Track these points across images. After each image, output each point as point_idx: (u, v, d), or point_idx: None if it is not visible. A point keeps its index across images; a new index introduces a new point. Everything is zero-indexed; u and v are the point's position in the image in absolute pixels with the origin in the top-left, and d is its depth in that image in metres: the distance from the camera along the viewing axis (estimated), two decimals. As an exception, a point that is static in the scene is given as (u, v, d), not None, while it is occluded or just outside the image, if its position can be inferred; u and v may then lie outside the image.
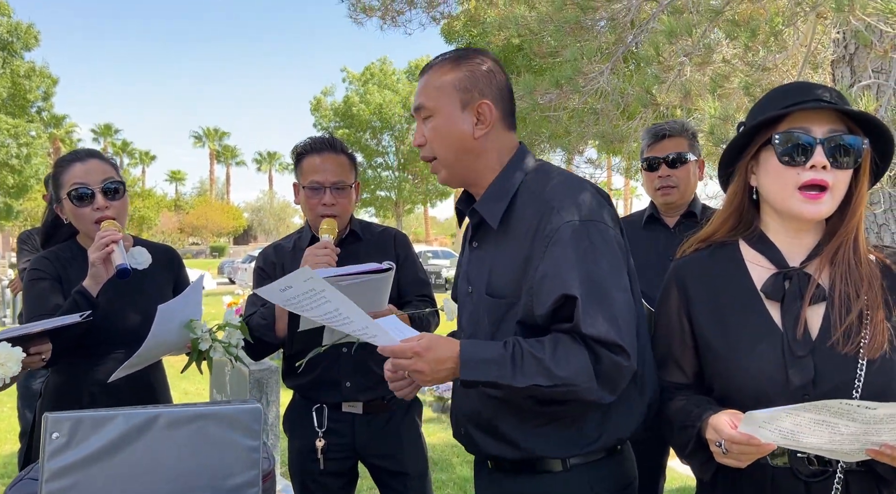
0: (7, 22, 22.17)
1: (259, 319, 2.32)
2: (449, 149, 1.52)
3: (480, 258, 1.57)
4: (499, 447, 1.50)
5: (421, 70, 1.62)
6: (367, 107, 28.70)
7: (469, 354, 1.35)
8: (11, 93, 22.25)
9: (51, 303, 2.25)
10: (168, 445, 1.24)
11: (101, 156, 2.37)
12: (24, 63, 22.71)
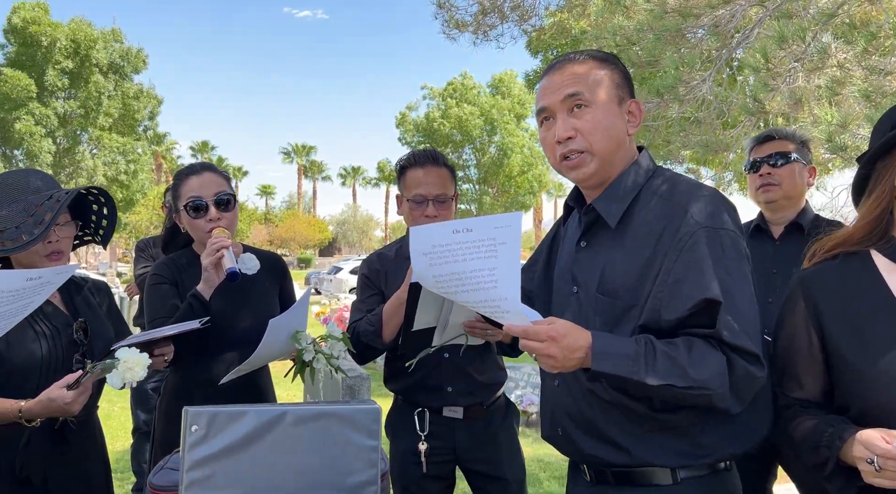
0: (119, 47, 23.95)
1: (366, 325, 2.38)
2: (610, 142, 1.49)
3: (590, 257, 1.55)
4: (602, 449, 1.47)
5: (552, 64, 1.61)
6: (448, 122, 29.06)
7: (602, 346, 1.33)
8: (122, 114, 23.96)
9: (169, 305, 2.40)
10: (294, 441, 1.30)
11: (214, 170, 2.51)
12: (133, 85, 24.42)
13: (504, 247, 1.31)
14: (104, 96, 23.14)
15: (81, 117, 23.19)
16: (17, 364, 1.94)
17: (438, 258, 1.40)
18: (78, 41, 22.48)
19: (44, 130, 22.43)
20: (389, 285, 2.46)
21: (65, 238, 2.08)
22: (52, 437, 1.98)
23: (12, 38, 22.43)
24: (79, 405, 1.89)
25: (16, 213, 1.95)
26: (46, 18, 22.28)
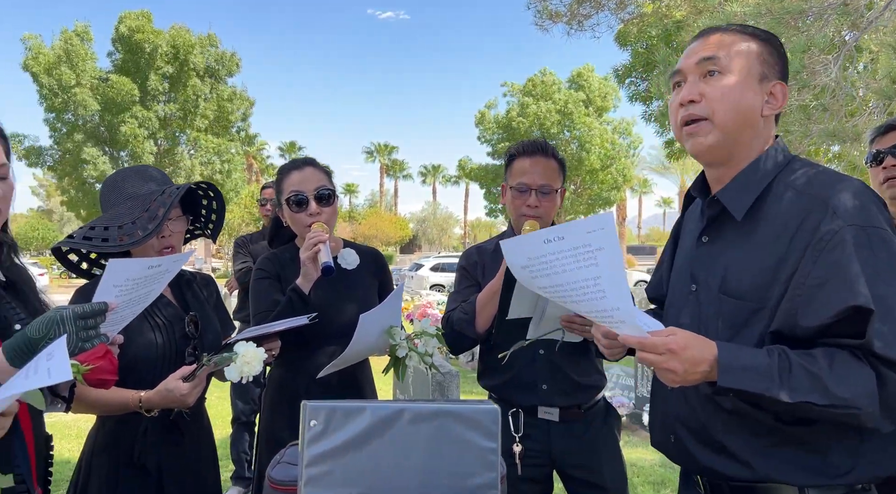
0: (215, 52, 25.09)
1: (460, 314, 2.36)
2: (734, 114, 1.37)
3: (712, 253, 1.43)
4: (720, 461, 1.35)
5: (700, 33, 1.50)
6: (527, 119, 28.77)
7: (730, 359, 1.22)
8: (217, 116, 25.10)
9: (271, 299, 2.44)
10: (412, 440, 1.26)
11: (316, 165, 2.54)
12: (227, 88, 25.53)
13: (602, 252, 1.22)
14: (201, 99, 24.33)
15: (180, 119, 24.49)
16: (136, 355, 2.01)
17: (538, 271, 1.33)
18: (177, 47, 23.74)
19: (146, 132, 23.84)
20: (487, 277, 2.42)
21: (177, 232, 2.14)
22: (166, 426, 2.04)
23: (119, 46, 23.94)
24: (193, 397, 1.94)
25: (131, 209, 2.02)
26: (149, 26, 23.64)
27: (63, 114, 24.21)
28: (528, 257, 1.33)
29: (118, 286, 1.60)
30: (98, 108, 23.31)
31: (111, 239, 1.93)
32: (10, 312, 1.58)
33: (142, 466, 2.00)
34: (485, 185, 31.84)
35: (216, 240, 2.40)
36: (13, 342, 1.35)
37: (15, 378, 1.05)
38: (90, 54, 23.97)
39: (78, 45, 23.50)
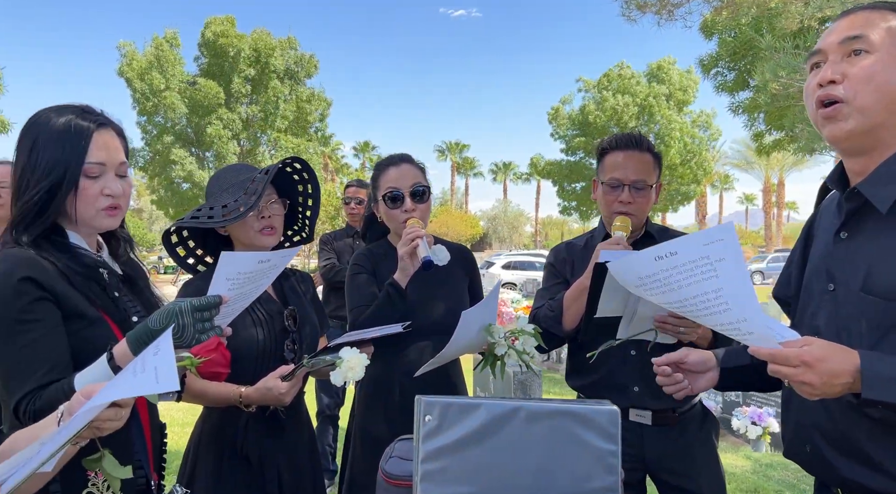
0: (294, 54, 25.83)
1: (547, 311, 2.31)
2: (879, 97, 1.27)
3: (853, 250, 1.33)
4: (867, 474, 1.26)
5: (849, 10, 1.39)
6: (604, 114, 28.17)
7: (875, 369, 1.13)
8: (296, 116, 25.83)
9: (368, 294, 2.46)
10: (528, 439, 1.23)
11: (412, 161, 2.54)
12: (305, 89, 26.24)
13: (723, 263, 1.15)
14: (281, 100, 25.11)
15: (261, 120, 25.35)
16: (238, 348, 2.06)
17: (652, 289, 1.28)
18: (259, 50, 24.58)
19: (230, 133, 24.80)
20: (576, 275, 2.36)
21: (276, 215, 2.17)
22: (267, 420, 2.09)
23: (205, 51, 25.02)
24: (290, 396, 1.97)
25: (234, 192, 2.08)
26: (233, 31, 24.58)
27: (154, 117, 25.50)
28: (639, 277, 1.29)
29: (230, 279, 1.64)
30: (186, 111, 24.44)
31: (216, 216, 2.00)
32: (128, 305, 1.65)
33: (244, 457, 2.05)
34: (558, 182, 31.41)
35: (312, 238, 2.43)
36: (135, 333, 1.40)
37: (125, 373, 1.09)
38: (179, 59, 25.15)
39: (167, 51, 24.71)
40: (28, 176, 1.55)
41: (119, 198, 1.62)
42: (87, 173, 1.56)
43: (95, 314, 1.53)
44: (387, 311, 2.32)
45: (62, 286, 1.49)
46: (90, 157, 1.56)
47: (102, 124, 1.61)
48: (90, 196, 1.57)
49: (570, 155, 30.61)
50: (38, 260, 1.49)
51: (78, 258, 1.57)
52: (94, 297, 1.55)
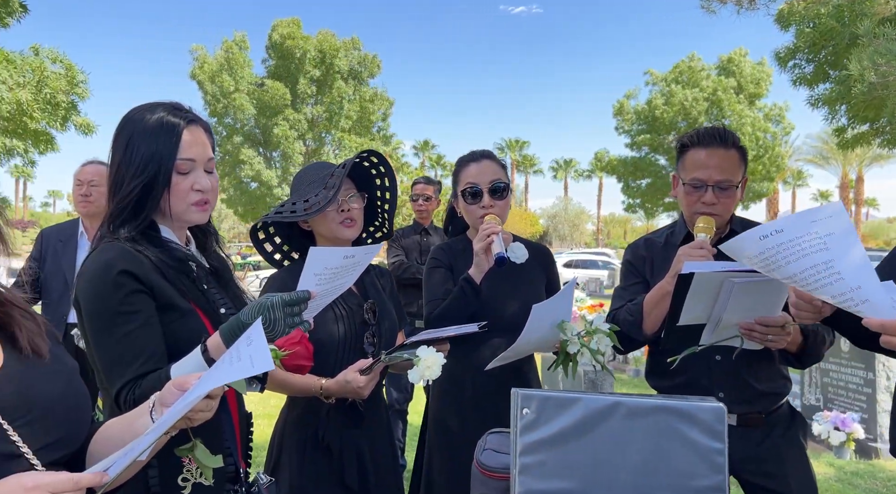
0: (357, 54, 26.21)
1: (626, 314, 2.25)
2: None
3: None
4: None
5: None
6: (672, 108, 27.40)
7: None
8: (359, 116, 26.22)
9: (444, 288, 2.47)
10: (629, 434, 1.21)
11: (493, 158, 2.54)
12: (368, 89, 26.59)
13: (833, 236, 1.14)
14: (345, 101, 25.54)
15: (326, 120, 25.84)
16: (320, 340, 2.10)
17: (764, 265, 1.26)
18: (324, 51, 25.06)
19: (296, 134, 25.40)
20: (655, 274, 2.29)
21: (355, 208, 2.21)
22: (346, 412, 2.12)
23: (272, 53, 25.69)
24: (368, 390, 2.00)
25: (315, 187, 2.13)
26: (299, 33, 25.14)
27: (224, 118, 26.36)
28: (747, 256, 1.28)
29: (318, 274, 1.67)
30: (254, 112, 25.16)
31: (298, 210, 2.06)
32: (216, 297, 1.69)
33: (326, 447, 2.09)
34: (622, 179, 30.77)
35: (392, 234, 2.45)
36: (228, 326, 1.44)
37: (220, 364, 1.12)
38: (247, 61, 25.91)
39: (237, 54, 25.49)
40: (124, 172, 1.59)
41: (208, 192, 1.66)
42: (179, 169, 1.60)
43: (187, 306, 1.58)
44: (460, 306, 2.34)
45: (157, 279, 1.54)
46: (181, 153, 1.60)
47: (192, 121, 1.65)
48: (181, 191, 1.61)
49: (635, 150, 29.92)
50: (135, 254, 1.53)
51: (170, 252, 1.61)
52: (185, 290, 1.59)
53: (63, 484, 0.91)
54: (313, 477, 2.08)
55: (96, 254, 1.55)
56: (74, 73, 8.92)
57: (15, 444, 1.00)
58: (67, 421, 1.11)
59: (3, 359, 1.07)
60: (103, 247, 1.56)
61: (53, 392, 1.10)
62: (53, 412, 1.09)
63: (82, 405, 1.18)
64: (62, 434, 1.09)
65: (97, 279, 1.50)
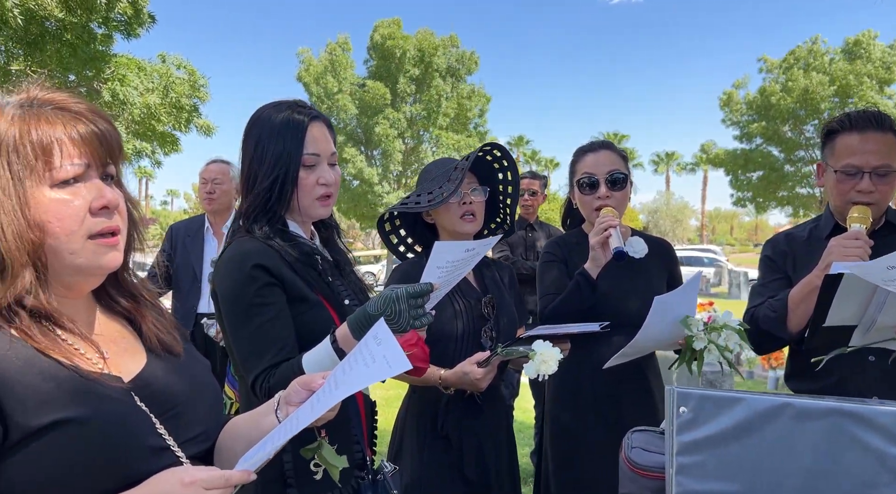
0: (456, 52, 26.37)
1: (768, 311, 2.12)
2: None
3: None
4: None
5: None
6: (789, 96, 25.67)
7: None
8: (456, 113, 26.37)
9: (558, 284, 2.43)
10: (798, 437, 1.13)
11: (612, 148, 2.47)
12: (466, 86, 26.69)
13: None
14: (443, 98, 25.76)
15: (424, 119, 26.17)
16: (439, 331, 2.12)
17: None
18: (423, 50, 25.37)
19: (395, 132, 25.87)
20: (798, 270, 2.14)
21: (477, 201, 2.21)
22: (465, 404, 2.13)
23: (373, 54, 26.29)
24: (486, 382, 2.00)
25: (439, 181, 2.15)
26: (399, 32, 25.59)
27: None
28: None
29: (441, 268, 1.69)
30: (356, 112, 25.85)
31: (422, 202, 2.10)
32: (341, 289, 1.74)
33: (445, 437, 2.11)
34: (731, 172, 29.21)
35: (514, 229, 2.43)
36: (356, 318, 1.47)
37: (356, 366, 1.13)
38: (350, 63, 26.65)
39: (340, 56, 26.28)
40: (256, 169, 1.66)
41: (332, 186, 1.71)
42: (304, 163, 1.66)
43: (315, 298, 1.63)
44: (576, 302, 2.29)
45: (287, 272, 1.59)
46: (307, 149, 1.65)
47: (315, 117, 1.71)
48: (307, 186, 1.67)
49: (745, 142, 28.31)
50: (267, 248, 1.60)
51: (298, 246, 1.67)
52: (312, 282, 1.65)
53: (216, 481, 0.93)
54: (434, 467, 2.11)
55: (231, 249, 1.63)
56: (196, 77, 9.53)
57: (162, 437, 1.03)
58: (206, 417, 1.15)
59: (147, 358, 1.12)
60: (238, 241, 1.64)
61: (192, 388, 1.14)
62: (193, 407, 1.12)
63: (218, 401, 1.23)
64: (203, 428, 1.13)
65: (233, 273, 1.58)
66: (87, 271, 1.02)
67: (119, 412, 0.98)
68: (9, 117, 0.98)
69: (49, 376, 0.93)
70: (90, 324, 1.08)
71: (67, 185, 0.98)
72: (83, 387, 0.95)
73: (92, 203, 0.99)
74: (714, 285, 25.02)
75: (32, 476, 0.90)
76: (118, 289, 1.14)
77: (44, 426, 0.90)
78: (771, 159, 27.74)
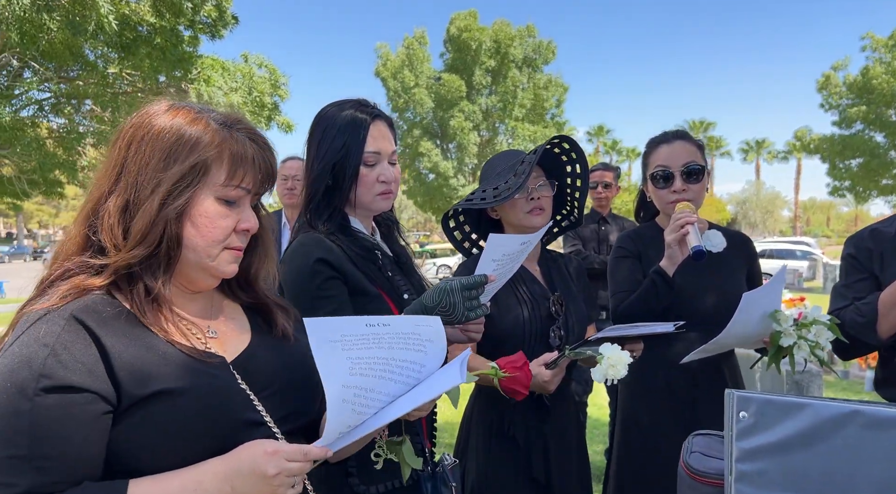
0: (532, 42, 26.07)
1: (854, 315, 1.98)
2: None
3: None
4: None
5: None
6: (895, 77, 23.83)
7: None
8: (533, 104, 26.10)
9: (632, 279, 2.34)
10: (869, 447, 1.05)
11: (687, 138, 2.36)
12: (543, 75, 26.36)
13: None
14: (519, 89, 25.56)
15: (500, 110, 26.06)
16: (504, 330, 2.10)
17: None
18: (499, 41, 25.25)
19: (471, 125, 25.90)
20: (886, 269, 1.99)
21: (545, 196, 2.16)
22: (533, 405, 2.10)
23: (449, 47, 26.40)
24: (554, 384, 1.96)
25: (504, 175, 2.12)
26: (475, 24, 25.56)
27: (405, 112, 27.62)
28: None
29: (496, 260, 1.68)
30: (432, 106, 26.06)
31: (488, 198, 2.07)
32: (400, 283, 1.76)
33: (512, 437, 2.08)
34: (828, 159, 27.47)
35: (581, 221, 2.37)
36: (411, 309, 1.50)
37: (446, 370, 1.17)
38: (426, 56, 26.87)
39: (417, 50, 26.54)
40: (317, 164, 1.71)
41: (391, 183, 1.75)
42: (366, 161, 1.70)
43: (375, 291, 1.66)
44: (651, 300, 2.20)
45: (348, 266, 1.63)
46: (368, 147, 1.69)
47: (377, 116, 1.74)
48: (368, 182, 1.71)
49: (844, 128, 26.52)
50: (329, 243, 1.64)
51: (359, 241, 1.71)
52: (372, 276, 1.68)
53: (295, 454, 1.00)
54: (500, 466, 2.09)
55: (296, 244, 1.68)
56: (277, 76, 9.86)
57: (259, 413, 1.11)
58: (302, 396, 1.22)
59: (250, 340, 1.21)
60: (302, 237, 1.69)
61: (293, 369, 1.22)
62: (292, 386, 1.20)
63: (316, 382, 1.29)
64: (296, 407, 1.20)
65: (297, 266, 1.63)
66: (212, 272, 1.14)
67: (217, 386, 1.07)
68: (211, 126, 1.11)
69: (154, 350, 1.03)
70: (205, 310, 1.19)
71: (230, 202, 1.12)
72: (184, 362, 1.05)
73: (239, 224, 1.13)
74: (808, 279, 23.66)
75: (137, 440, 0.99)
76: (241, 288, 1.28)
77: (147, 395, 0.99)
78: (872, 145, 25.83)
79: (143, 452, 0.99)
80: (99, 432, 0.97)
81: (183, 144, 1.07)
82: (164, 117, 1.10)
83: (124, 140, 1.10)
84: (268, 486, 0.98)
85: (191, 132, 1.08)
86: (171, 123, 1.09)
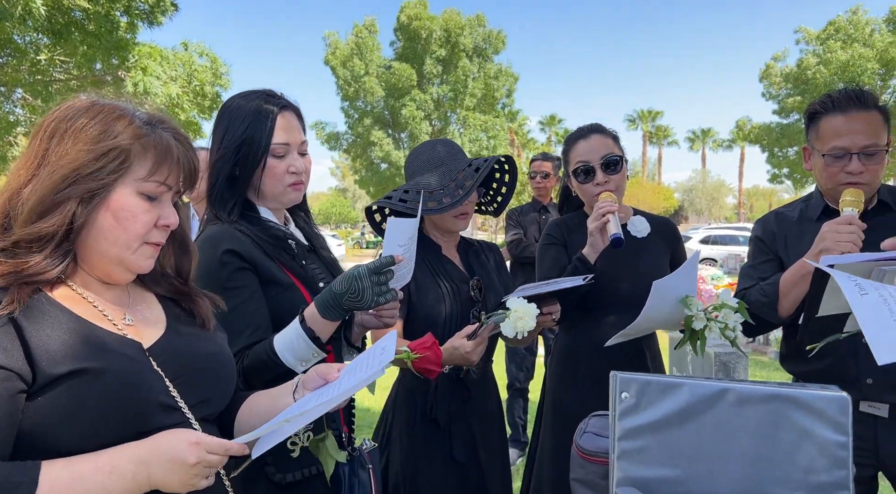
0: (482, 31, 26.12)
1: (759, 295, 2.09)
2: None
3: None
4: None
5: None
6: (827, 68, 24.80)
7: None
8: (483, 94, 26.18)
9: (558, 267, 2.42)
10: (739, 424, 1.13)
11: (602, 131, 2.44)
12: (493, 65, 26.45)
13: None
14: (469, 79, 25.60)
15: (451, 100, 26.06)
16: (427, 315, 2.15)
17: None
18: (449, 30, 25.22)
19: (422, 114, 25.84)
20: (790, 251, 2.10)
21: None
22: (455, 384, 2.15)
23: (400, 35, 26.22)
24: (477, 355, 2.00)
25: (441, 178, 2.14)
26: (426, 13, 25.46)
27: (355, 101, 27.36)
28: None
29: (402, 246, 1.70)
30: (383, 94, 25.88)
31: (424, 203, 2.07)
32: (315, 271, 1.76)
33: (434, 419, 2.13)
34: (767, 148, 28.45)
35: (500, 215, 2.46)
36: (322, 297, 1.50)
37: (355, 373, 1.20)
38: (376, 45, 26.65)
39: (367, 38, 26.29)
40: (219, 154, 1.69)
41: (302, 174, 1.74)
42: (274, 153, 1.68)
43: (288, 280, 1.66)
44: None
45: (259, 256, 1.62)
46: (277, 138, 1.68)
47: (284, 107, 1.72)
48: (278, 174, 1.69)
49: (783, 117, 27.48)
50: (237, 234, 1.63)
51: (269, 230, 1.69)
52: (285, 265, 1.68)
53: (216, 447, 1.05)
54: (423, 451, 2.13)
55: (204, 236, 1.66)
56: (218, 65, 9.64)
57: (174, 398, 1.14)
58: (216, 385, 1.25)
59: (166, 328, 1.24)
60: (209, 229, 1.67)
61: (208, 359, 1.25)
62: (206, 374, 1.23)
63: (229, 373, 1.32)
64: (210, 394, 1.23)
65: (205, 258, 1.61)
66: (129, 266, 1.16)
67: (133, 369, 1.08)
68: (135, 123, 1.13)
69: (73, 331, 1.05)
70: (121, 299, 1.21)
71: (151, 198, 1.14)
72: (101, 343, 1.07)
73: (160, 220, 1.16)
74: (749, 264, 24.54)
75: (52, 419, 1.00)
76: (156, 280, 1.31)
77: (63, 374, 1.01)
78: (806, 134, 26.91)
79: (58, 431, 1.00)
80: (10, 411, 0.97)
81: (105, 137, 1.09)
82: (88, 112, 1.12)
83: (46, 132, 1.11)
84: (186, 474, 1.02)
85: (115, 127, 1.10)
86: (95, 118, 1.11)
